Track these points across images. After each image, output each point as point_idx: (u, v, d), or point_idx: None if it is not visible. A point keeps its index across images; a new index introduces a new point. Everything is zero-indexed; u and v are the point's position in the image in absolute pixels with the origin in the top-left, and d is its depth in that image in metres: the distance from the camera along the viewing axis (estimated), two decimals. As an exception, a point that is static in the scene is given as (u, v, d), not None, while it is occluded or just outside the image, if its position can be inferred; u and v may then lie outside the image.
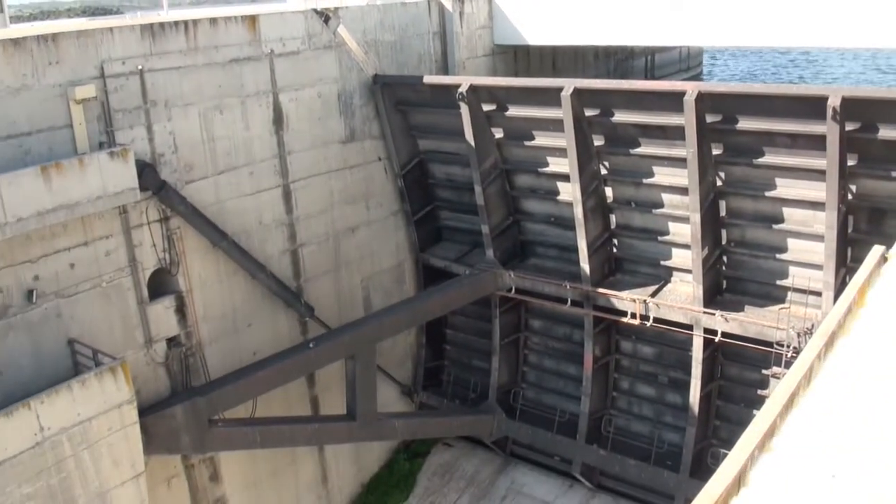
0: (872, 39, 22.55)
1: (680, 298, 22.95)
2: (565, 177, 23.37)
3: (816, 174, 19.61)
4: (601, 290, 23.86)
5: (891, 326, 10.35)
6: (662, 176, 22.40)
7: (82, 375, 17.07)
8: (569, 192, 23.46)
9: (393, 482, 27.48)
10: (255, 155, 22.19)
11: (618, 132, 22.46)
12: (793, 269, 21.47)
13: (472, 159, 24.45)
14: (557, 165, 23.79)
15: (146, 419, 18.71)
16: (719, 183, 21.57)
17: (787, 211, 21.02)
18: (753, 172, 20.98)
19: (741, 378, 23.50)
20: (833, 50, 61.54)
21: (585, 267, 23.79)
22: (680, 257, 23.26)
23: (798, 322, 20.47)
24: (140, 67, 19.16)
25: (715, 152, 21.10)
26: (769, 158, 20.41)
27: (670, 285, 23.66)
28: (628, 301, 23.30)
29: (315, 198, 24.15)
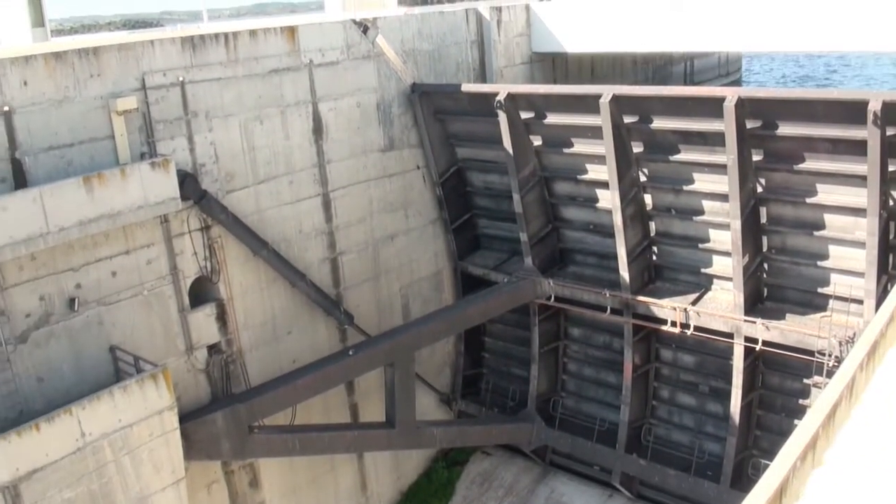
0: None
1: (720, 306, 22.71)
2: (604, 184, 23.26)
3: (857, 180, 19.35)
4: (641, 298, 23.69)
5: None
6: (702, 183, 22.21)
7: (124, 382, 17.31)
8: (608, 200, 23.33)
9: (431, 490, 27.48)
10: (295, 164, 22.38)
11: (657, 139, 22.30)
12: (834, 277, 21.17)
13: (511, 167, 24.43)
14: (596, 173, 23.69)
15: (187, 425, 18.91)
16: (760, 189, 21.33)
17: (828, 217, 20.74)
18: (794, 178, 20.73)
19: (782, 387, 23.20)
20: (869, 54, 60.77)
21: (625, 275, 23.66)
22: (720, 265, 23.04)
23: (840, 330, 20.14)
24: (181, 79, 19.42)
25: (755, 158, 20.87)
26: (810, 164, 20.17)
27: (710, 293, 23.42)
28: (668, 309, 23.12)
29: (354, 206, 24.28)
